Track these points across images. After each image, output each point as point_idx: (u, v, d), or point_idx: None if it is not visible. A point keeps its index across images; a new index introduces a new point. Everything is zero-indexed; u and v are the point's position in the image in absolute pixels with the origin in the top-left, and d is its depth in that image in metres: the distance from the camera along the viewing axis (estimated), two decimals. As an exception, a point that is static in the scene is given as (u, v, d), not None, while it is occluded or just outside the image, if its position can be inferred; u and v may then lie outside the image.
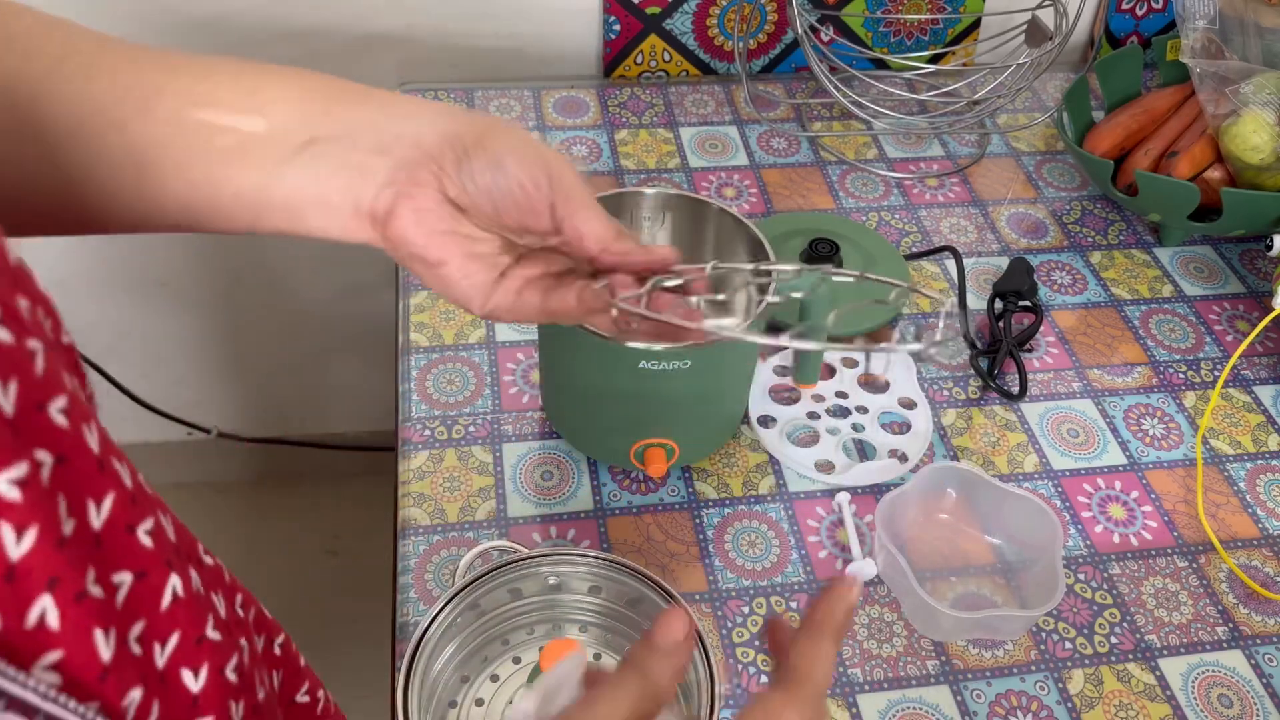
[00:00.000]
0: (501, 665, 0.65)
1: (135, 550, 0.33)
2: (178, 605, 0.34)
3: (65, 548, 0.29)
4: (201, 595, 0.37)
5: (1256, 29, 1.02)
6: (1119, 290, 0.99)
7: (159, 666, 0.34)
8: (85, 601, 0.29)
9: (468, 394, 0.85)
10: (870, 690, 0.70)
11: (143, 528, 0.33)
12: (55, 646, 0.28)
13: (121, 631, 0.31)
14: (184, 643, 0.35)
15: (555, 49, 1.20)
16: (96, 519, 0.31)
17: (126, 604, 0.32)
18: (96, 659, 0.30)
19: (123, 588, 0.32)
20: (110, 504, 0.32)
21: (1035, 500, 0.75)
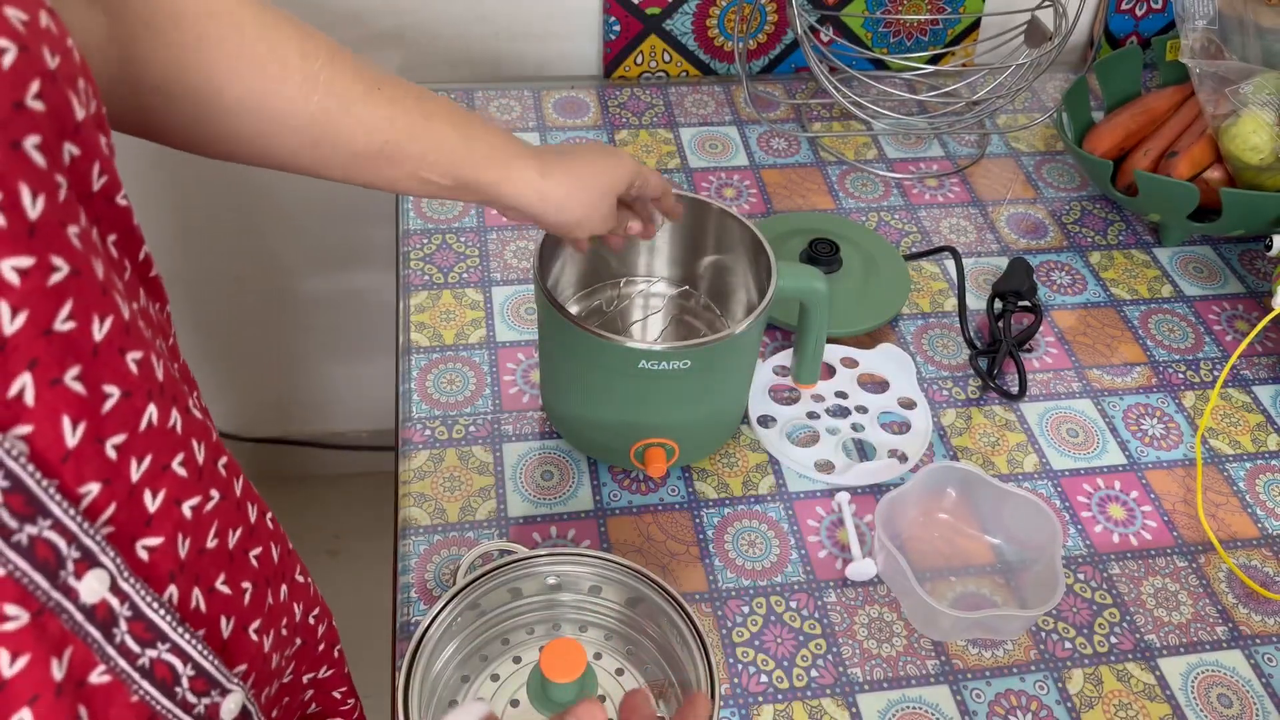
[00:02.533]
0: (501, 665, 0.65)
1: (124, 371, 0.37)
2: (150, 431, 0.39)
3: (50, 338, 0.34)
4: (175, 433, 0.41)
5: (1256, 29, 1.02)
6: (1118, 290, 0.99)
7: (131, 479, 0.38)
8: (58, 388, 0.34)
9: (468, 394, 0.85)
10: (870, 690, 0.70)
11: (131, 355, 0.38)
12: (28, 421, 0.34)
13: (97, 431, 0.36)
14: (152, 465, 0.39)
15: (555, 49, 1.20)
16: (98, 332, 0.36)
17: (112, 413, 0.37)
18: (61, 441, 0.35)
19: (111, 399, 0.37)
20: (110, 324, 0.36)
21: (1035, 500, 0.75)
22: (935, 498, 0.79)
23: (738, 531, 0.78)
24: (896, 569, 0.72)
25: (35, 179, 0.33)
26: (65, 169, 0.35)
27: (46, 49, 0.34)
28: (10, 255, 0.32)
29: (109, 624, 0.38)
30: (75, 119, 0.36)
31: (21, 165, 0.32)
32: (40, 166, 0.33)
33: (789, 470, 0.82)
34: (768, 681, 0.70)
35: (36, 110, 0.33)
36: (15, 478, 0.33)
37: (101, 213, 0.39)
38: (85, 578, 0.36)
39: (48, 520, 0.35)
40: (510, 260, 0.96)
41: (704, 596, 0.74)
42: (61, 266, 0.34)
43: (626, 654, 0.66)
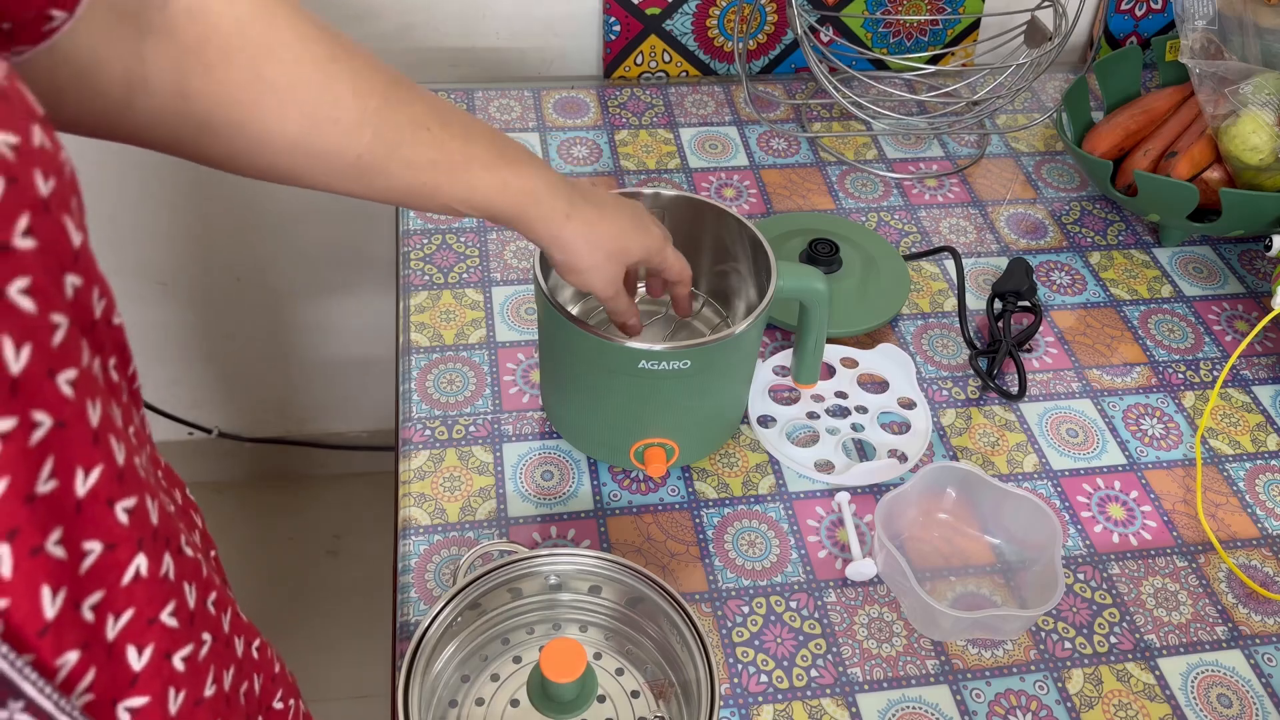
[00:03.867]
0: (502, 665, 0.65)
1: (110, 524, 0.34)
2: (138, 584, 0.36)
3: (34, 504, 0.30)
4: (168, 581, 0.38)
5: (1255, 29, 1.02)
6: (1118, 290, 0.99)
7: (108, 638, 0.35)
8: (40, 557, 0.31)
9: (468, 394, 0.85)
10: (870, 690, 0.70)
11: (122, 504, 0.35)
12: (4, 595, 0.30)
13: (75, 595, 0.33)
14: (136, 620, 0.36)
15: (555, 49, 1.20)
16: (81, 487, 0.33)
17: (90, 572, 0.34)
18: (39, 614, 0.32)
19: (90, 555, 0.33)
20: (97, 476, 0.33)
21: (1034, 500, 0.75)
22: (935, 498, 0.79)
23: (738, 531, 0.78)
24: (896, 569, 0.72)
25: (20, 328, 0.29)
26: (67, 305, 0.32)
27: (39, 173, 0.30)
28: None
29: None
30: (73, 247, 0.33)
31: (4, 315, 0.29)
32: (28, 312, 0.29)
33: (789, 470, 0.82)
34: (768, 681, 0.70)
35: (25, 249, 0.29)
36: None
37: (103, 338, 0.36)
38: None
39: (19, 703, 0.31)
40: (510, 260, 0.96)
41: (704, 596, 0.74)
42: (43, 421, 0.30)
43: (626, 654, 0.66)
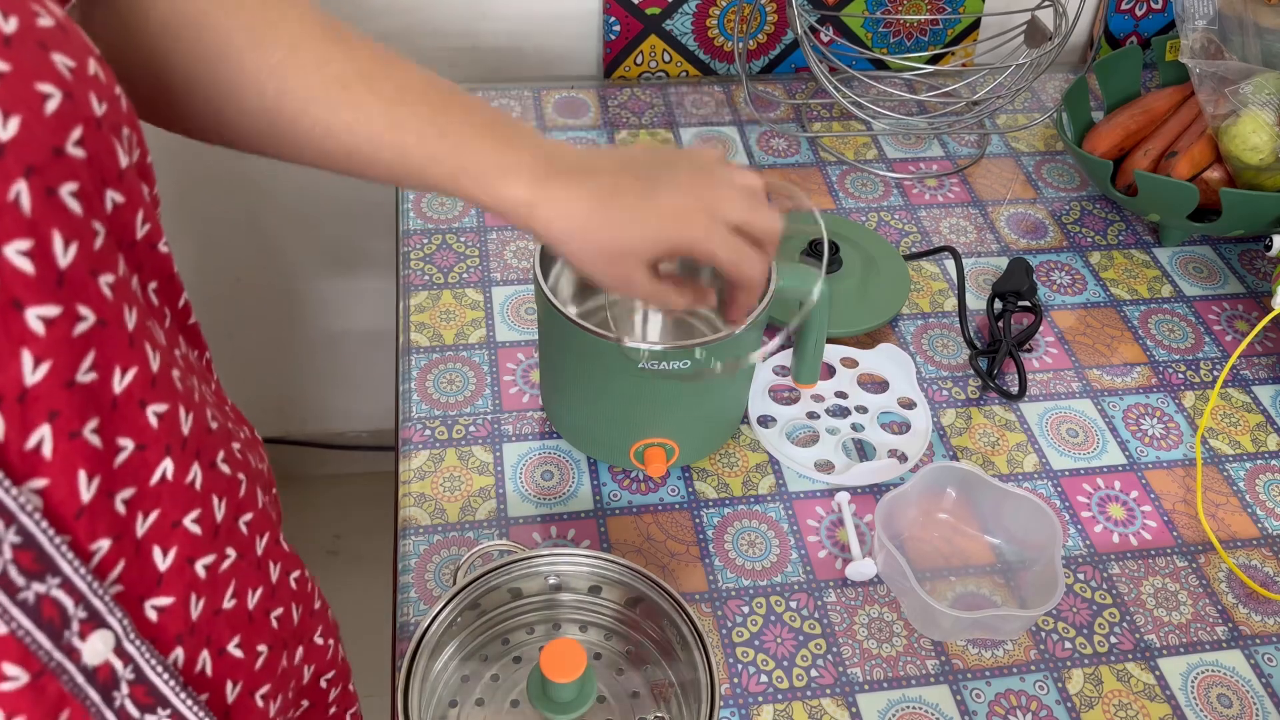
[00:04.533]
0: (502, 665, 0.65)
1: (141, 424, 0.36)
2: (163, 486, 0.38)
3: (73, 390, 0.33)
4: (193, 489, 0.40)
5: (1256, 29, 1.02)
6: (1118, 290, 0.99)
7: (138, 534, 0.37)
8: (77, 441, 0.33)
9: (468, 394, 0.85)
10: (870, 690, 0.70)
11: (154, 408, 0.37)
12: (44, 474, 0.32)
13: (109, 486, 0.35)
14: (161, 520, 0.38)
15: (555, 49, 1.20)
16: (118, 385, 0.35)
17: (123, 467, 0.36)
18: (76, 496, 0.34)
19: (124, 451, 0.36)
20: (132, 377, 0.36)
21: (1035, 500, 0.75)
22: (935, 498, 0.79)
23: (738, 531, 0.78)
24: (896, 569, 0.72)
25: (69, 227, 0.32)
26: (106, 216, 0.35)
27: (93, 95, 0.34)
28: (37, 304, 0.31)
29: (110, 687, 0.37)
30: (119, 166, 0.36)
31: (56, 212, 0.32)
32: (76, 214, 0.33)
33: (789, 470, 0.82)
34: (768, 681, 0.70)
35: (76, 157, 0.33)
36: (28, 534, 0.32)
37: (143, 260, 0.38)
38: (90, 639, 0.35)
39: (56, 578, 0.33)
40: (510, 260, 0.96)
41: (704, 596, 0.74)
42: (88, 316, 0.33)
43: (626, 654, 0.66)
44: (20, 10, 0.31)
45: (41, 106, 0.31)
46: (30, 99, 0.31)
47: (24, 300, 0.31)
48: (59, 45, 0.32)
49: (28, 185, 0.30)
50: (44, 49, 0.32)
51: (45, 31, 0.32)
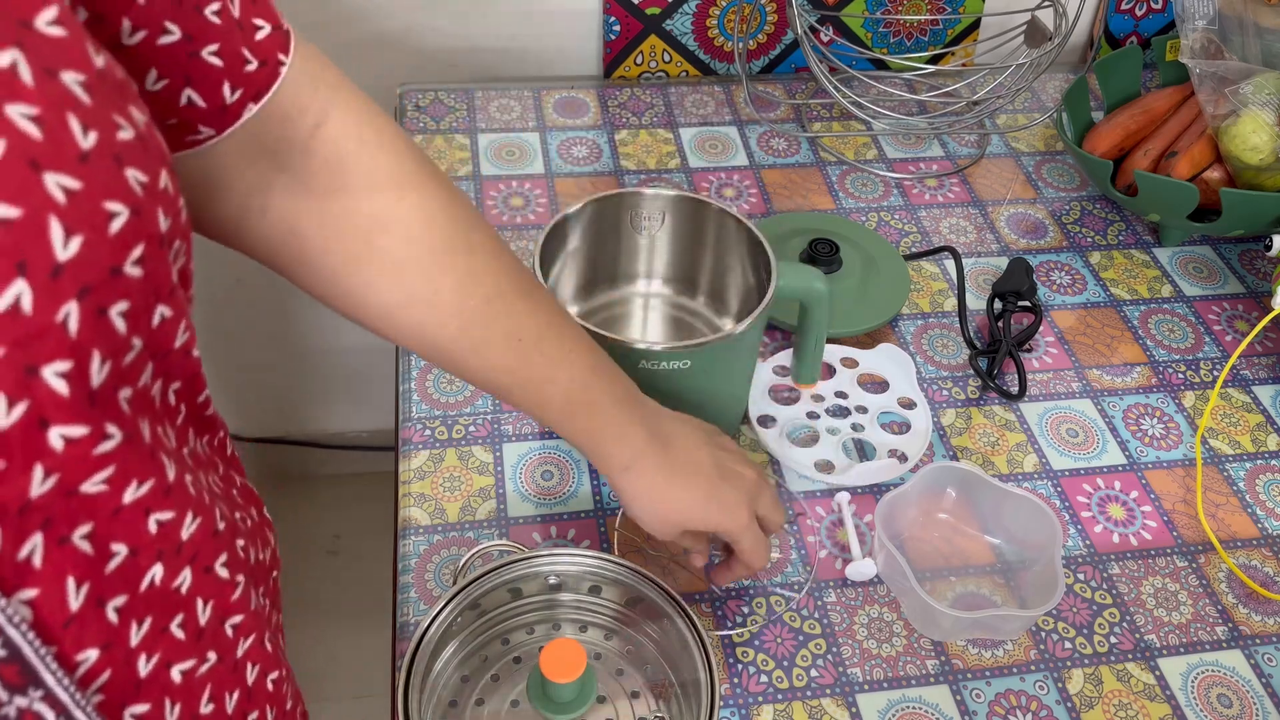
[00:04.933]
0: (502, 665, 0.65)
1: (139, 530, 0.35)
2: (152, 591, 0.37)
3: (71, 498, 0.32)
4: (179, 594, 0.39)
5: (1256, 29, 1.02)
6: (1118, 290, 0.99)
7: (130, 643, 0.36)
8: (66, 547, 0.32)
9: (468, 394, 0.85)
10: (870, 690, 0.70)
11: (158, 516, 0.36)
12: (34, 584, 0.32)
13: (100, 593, 0.34)
14: (151, 628, 0.37)
15: (555, 49, 1.20)
16: (129, 496, 0.34)
17: (115, 573, 0.35)
18: (65, 605, 0.33)
19: (117, 557, 0.35)
20: (147, 489, 0.35)
21: (1035, 500, 0.75)
22: (935, 498, 0.79)
23: (738, 531, 0.78)
24: (896, 569, 0.72)
25: (110, 346, 0.32)
26: (149, 331, 0.34)
27: (160, 211, 0.33)
28: (64, 424, 0.31)
29: None
30: (171, 282, 0.35)
31: (102, 333, 0.31)
32: (119, 333, 0.32)
33: (789, 470, 0.82)
34: (768, 681, 0.70)
35: (132, 276, 0.32)
36: (14, 647, 0.31)
37: (173, 365, 0.38)
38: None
39: (39, 691, 0.32)
40: (510, 260, 0.96)
41: (704, 596, 0.74)
42: (114, 434, 0.33)
43: (626, 654, 0.66)
44: (102, 124, 0.31)
45: (107, 225, 0.30)
46: (97, 218, 0.30)
47: (51, 420, 0.30)
48: (135, 160, 0.32)
49: (79, 306, 0.30)
50: (119, 164, 0.31)
51: (123, 145, 0.31)
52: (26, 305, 0.28)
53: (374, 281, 0.53)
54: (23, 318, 0.28)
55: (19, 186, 0.28)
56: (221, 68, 0.44)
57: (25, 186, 0.28)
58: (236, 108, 0.45)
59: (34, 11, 0.30)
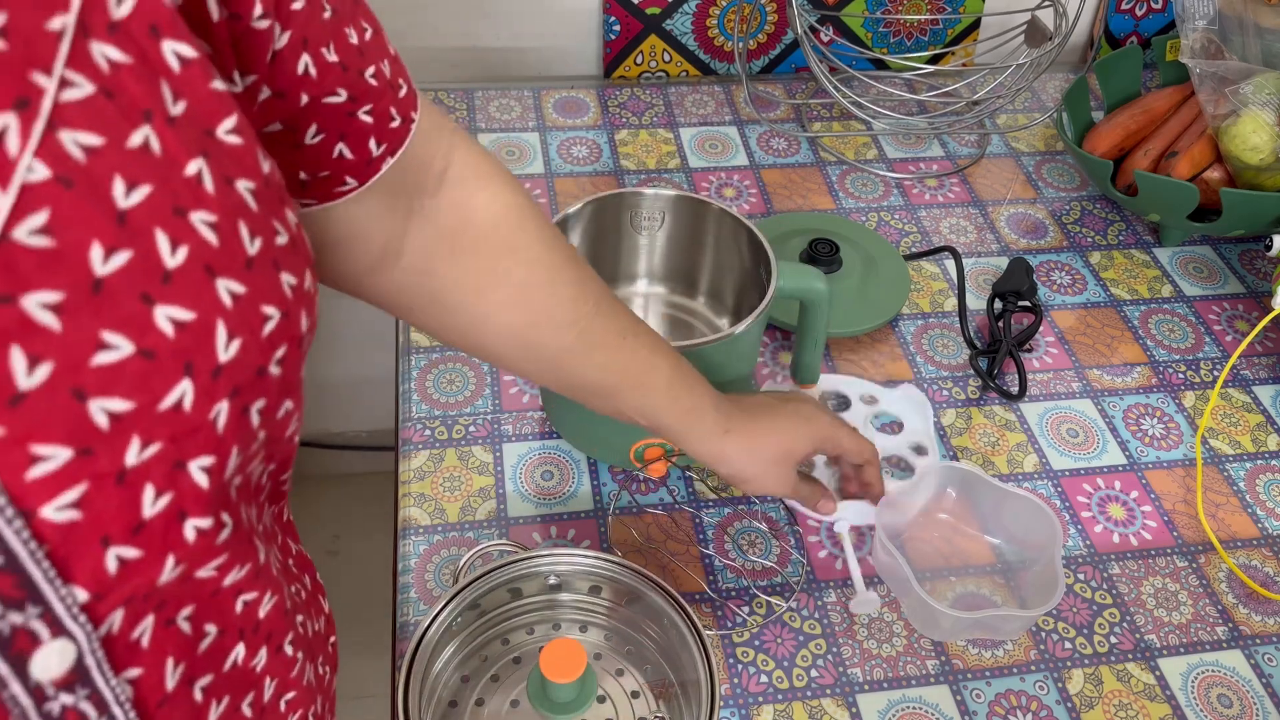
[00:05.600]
0: (502, 665, 0.65)
1: (227, 610, 0.36)
2: (234, 671, 0.37)
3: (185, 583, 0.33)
4: (254, 673, 0.40)
5: (1256, 29, 1.02)
6: (1118, 290, 0.99)
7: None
8: (171, 629, 0.33)
9: (468, 394, 0.85)
10: (870, 690, 0.70)
11: (245, 597, 0.37)
12: (140, 664, 0.32)
13: (191, 674, 0.34)
14: (230, 707, 0.38)
15: (555, 49, 1.20)
16: (229, 580, 0.35)
17: (205, 653, 0.35)
18: (162, 685, 0.33)
19: (208, 638, 0.35)
20: (244, 573, 0.36)
21: (1035, 500, 0.75)
22: (936, 498, 0.79)
23: (738, 531, 0.78)
24: (896, 569, 0.72)
25: (245, 441, 0.33)
26: (274, 424, 0.35)
27: (304, 313, 0.35)
28: (198, 516, 0.32)
29: None
30: (299, 378, 0.36)
31: (242, 430, 0.32)
32: (253, 429, 0.33)
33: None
34: (768, 681, 0.70)
35: (274, 376, 0.33)
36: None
37: (278, 451, 0.39)
38: None
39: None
40: (510, 260, 0.96)
41: (704, 596, 0.74)
42: (228, 523, 0.34)
43: (626, 654, 0.66)
44: (265, 231, 0.32)
45: (261, 328, 0.32)
46: (254, 321, 0.32)
47: (189, 512, 0.31)
48: (288, 263, 0.33)
49: (228, 405, 0.31)
50: (276, 268, 0.33)
51: (279, 250, 0.33)
52: (187, 404, 0.30)
53: (503, 305, 0.57)
54: (183, 415, 0.30)
55: (196, 292, 0.29)
56: (371, 124, 0.47)
57: (201, 292, 0.30)
58: (379, 161, 0.48)
59: (217, 120, 0.32)
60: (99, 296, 0.27)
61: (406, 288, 0.55)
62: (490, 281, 0.56)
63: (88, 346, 0.27)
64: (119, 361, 0.28)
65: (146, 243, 0.28)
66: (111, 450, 0.28)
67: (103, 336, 0.27)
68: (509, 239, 0.56)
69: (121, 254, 0.28)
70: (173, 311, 0.29)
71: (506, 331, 0.58)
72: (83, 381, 0.27)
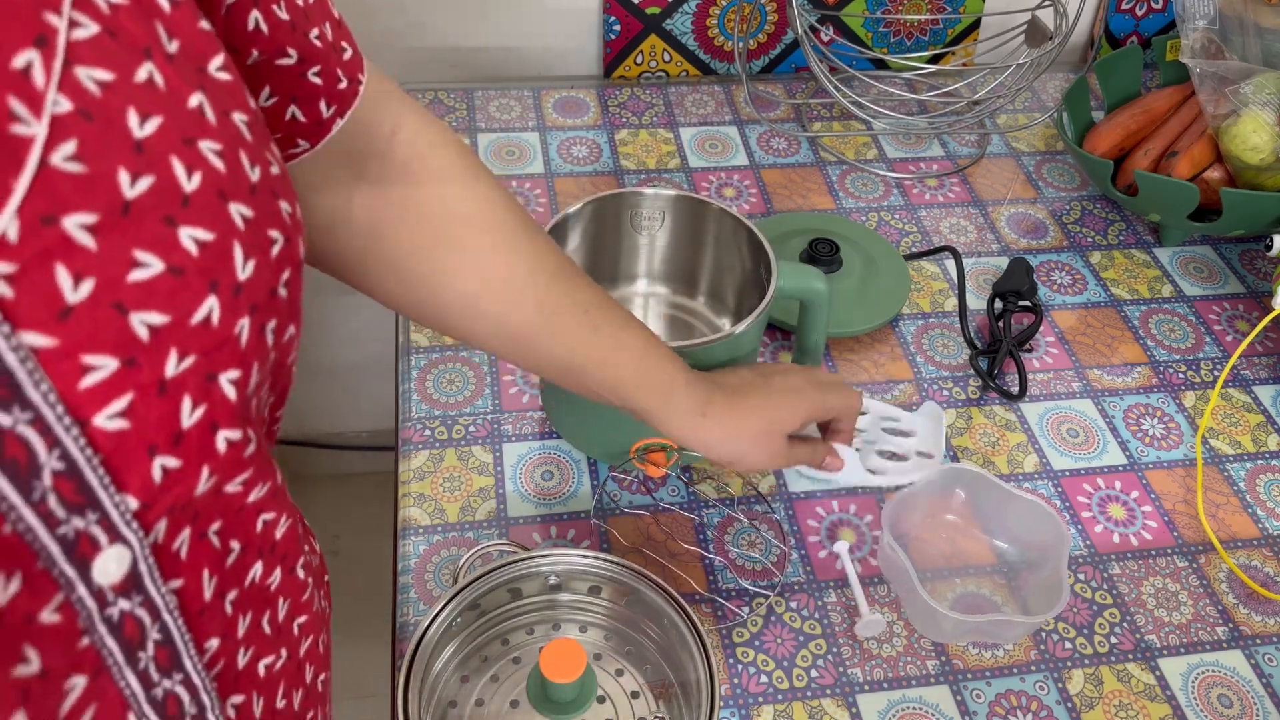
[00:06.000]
0: (501, 665, 0.65)
1: (250, 529, 0.39)
2: (253, 588, 0.40)
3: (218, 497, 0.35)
4: (269, 591, 0.42)
5: (1256, 29, 1.02)
6: (1119, 290, 0.99)
7: (238, 635, 0.39)
8: (204, 542, 0.35)
9: (468, 394, 0.85)
10: (870, 690, 0.70)
11: (265, 516, 0.40)
12: (181, 575, 0.34)
13: (223, 587, 0.37)
14: (252, 623, 0.41)
15: (555, 49, 1.20)
16: (254, 496, 0.38)
17: (231, 569, 0.38)
18: (200, 596, 0.36)
19: (233, 554, 0.38)
20: (266, 490, 0.38)
21: (1043, 506, 0.74)
22: (944, 499, 0.79)
23: (738, 531, 0.78)
24: (900, 569, 0.72)
25: (263, 358, 0.35)
26: (282, 345, 0.37)
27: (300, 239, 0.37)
28: (228, 428, 0.34)
29: None
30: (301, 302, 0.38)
31: (260, 347, 0.35)
32: (269, 347, 0.36)
33: (789, 470, 0.82)
34: (768, 682, 0.70)
35: (282, 298, 0.36)
36: (167, 632, 0.34)
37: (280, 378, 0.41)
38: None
39: (179, 675, 0.35)
40: (510, 260, 0.96)
41: (704, 597, 0.74)
42: (253, 438, 0.36)
43: (626, 654, 0.66)
44: (260, 160, 0.35)
45: (270, 250, 0.34)
46: (264, 243, 0.34)
47: (220, 424, 0.33)
48: (283, 192, 0.36)
49: (249, 321, 0.34)
50: (274, 196, 0.35)
51: (275, 179, 0.36)
52: (215, 319, 0.32)
53: (455, 271, 0.57)
54: (211, 329, 0.32)
55: (213, 214, 0.32)
56: (320, 86, 0.48)
57: (217, 214, 0.32)
58: (329, 122, 0.50)
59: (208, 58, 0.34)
60: (128, 218, 0.29)
61: (356, 252, 0.56)
62: (440, 248, 0.56)
63: (124, 264, 0.29)
64: (152, 278, 0.30)
65: (164, 168, 0.30)
66: (153, 361, 0.30)
67: (135, 255, 0.29)
68: (458, 206, 0.57)
69: (145, 179, 0.30)
70: (194, 232, 0.31)
71: (460, 301, 0.58)
72: (122, 296, 0.29)
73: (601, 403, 0.63)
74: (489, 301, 0.58)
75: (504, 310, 0.58)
